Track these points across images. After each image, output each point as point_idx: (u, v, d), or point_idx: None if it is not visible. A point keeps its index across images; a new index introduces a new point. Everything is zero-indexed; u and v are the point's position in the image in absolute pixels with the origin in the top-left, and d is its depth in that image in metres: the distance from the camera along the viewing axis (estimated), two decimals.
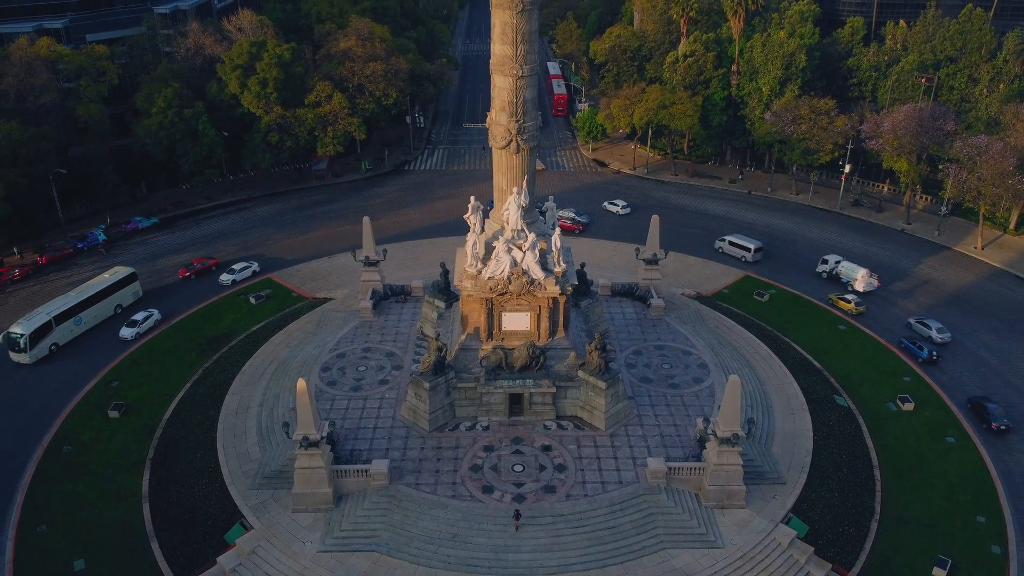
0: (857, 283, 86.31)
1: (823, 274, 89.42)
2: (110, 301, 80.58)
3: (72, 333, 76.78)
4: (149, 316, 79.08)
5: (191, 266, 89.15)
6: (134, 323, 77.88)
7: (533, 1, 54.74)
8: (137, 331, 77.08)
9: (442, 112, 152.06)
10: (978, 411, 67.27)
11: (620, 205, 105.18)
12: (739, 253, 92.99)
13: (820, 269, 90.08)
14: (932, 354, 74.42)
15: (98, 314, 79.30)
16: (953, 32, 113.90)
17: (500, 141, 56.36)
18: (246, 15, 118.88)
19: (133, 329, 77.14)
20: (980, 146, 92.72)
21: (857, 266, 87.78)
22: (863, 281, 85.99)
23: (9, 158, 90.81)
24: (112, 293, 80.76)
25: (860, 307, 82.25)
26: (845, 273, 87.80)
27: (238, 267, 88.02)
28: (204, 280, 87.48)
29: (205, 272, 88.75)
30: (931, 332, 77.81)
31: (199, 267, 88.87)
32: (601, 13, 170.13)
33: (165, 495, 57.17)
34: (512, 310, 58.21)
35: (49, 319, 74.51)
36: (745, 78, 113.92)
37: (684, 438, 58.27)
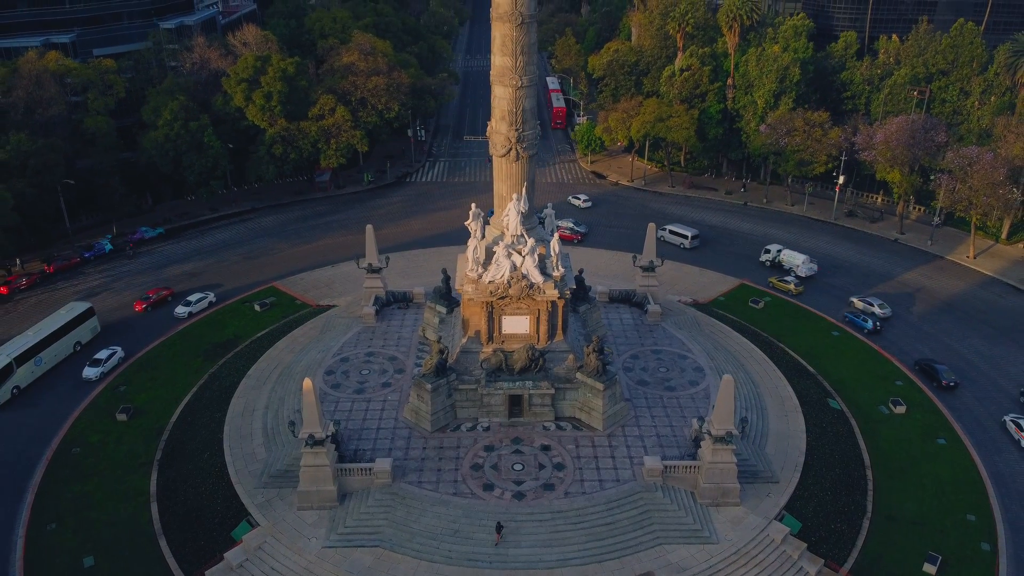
0: (799, 268, 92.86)
1: (767, 263, 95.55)
2: (69, 339, 76.26)
3: (33, 375, 72.30)
4: (112, 354, 74.57)
5: (147, 298, 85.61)
6: (97, 362, 73.28)
7: (532, 15, 56.76)
8: (101, 370, 72.54)
9: (443, 125, 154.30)
10: (927, 371, 74.00)
11: (582, 199, 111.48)
12: (678, 240, 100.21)
13: (764, 258, 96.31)
14: (876, 325, 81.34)
15: (58, 353, 74.78)
16: (945, 46, 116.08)
17: (500, 149, 58.14)
18: (251, 30, 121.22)
19: (97, 368, 72.52)
20: (971, 157, 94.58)
21: (798, 253, 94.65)
22: (804, 266, 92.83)
23: (18, 169, 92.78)
24: (71, 330, 76.46)
25: (799, 287, 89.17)
26: (787, 260, 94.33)
27: (194, 298, 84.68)
28: (161, 312, 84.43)
29: (161, 303, 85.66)
30: (874, 308, 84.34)
31: (155, 299, 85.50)
32: (599, 29, 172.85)
33: (172, 494, 58.46)
34: (512, 314, 59.75)
35: (10, 361, 70.09)
36: (740, 91, 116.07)
37: (680, 438, 59.62)
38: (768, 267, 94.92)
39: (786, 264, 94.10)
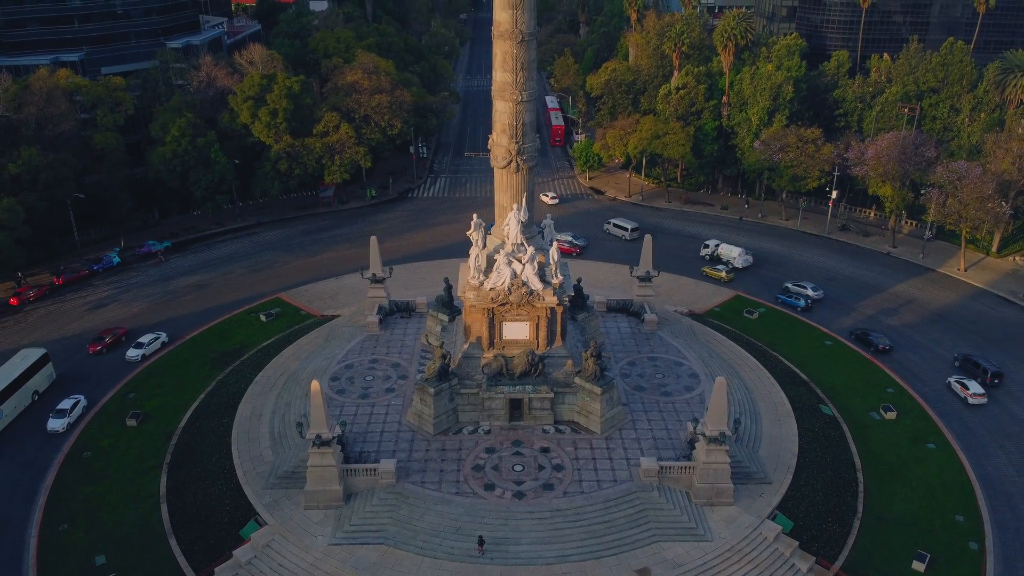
0: (735, 260, 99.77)
1: (706, 256, 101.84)
2: (27, 388, 71.86)
3: None
4: (76, 403, 70.40)
5: (100, 339, 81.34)
6: (62, 413, 68.93)
7: (532, 33, 59.25)
8: (67, 421, 68.48)
9: (444, 143, 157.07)
10: (862, 339, 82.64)
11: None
12: (620, 233, 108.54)
13: (703, 253, 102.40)
14: (807, 303, 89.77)
15: (17, 404, 70.48)
16: (935, 64, 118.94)
17: (501, 161, 60.39)
18: (257, 49, 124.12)
19: (62, 420, 68.27)
20: (960, 171, 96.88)
21: (734, 247, 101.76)
22: (740, 258, 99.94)
23: (30, 182, 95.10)
24: (28, 379, 71.96)
25: (730, 275, 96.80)
26: (724, 253, 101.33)
27: (146, 339, 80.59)
28: (116, 354, 79.91)
29: (116, 343, 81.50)
30: (807, 291, 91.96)
31: (109, 340, 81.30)
32: (597, 49, 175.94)
33: (182, 496, 60.08)
34: (512, 320, 61.70)
35: None
36: (735, 109, 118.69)
37: (675, 441, 61.36)
38: (707, 260, 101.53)
39: (724, 257, 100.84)
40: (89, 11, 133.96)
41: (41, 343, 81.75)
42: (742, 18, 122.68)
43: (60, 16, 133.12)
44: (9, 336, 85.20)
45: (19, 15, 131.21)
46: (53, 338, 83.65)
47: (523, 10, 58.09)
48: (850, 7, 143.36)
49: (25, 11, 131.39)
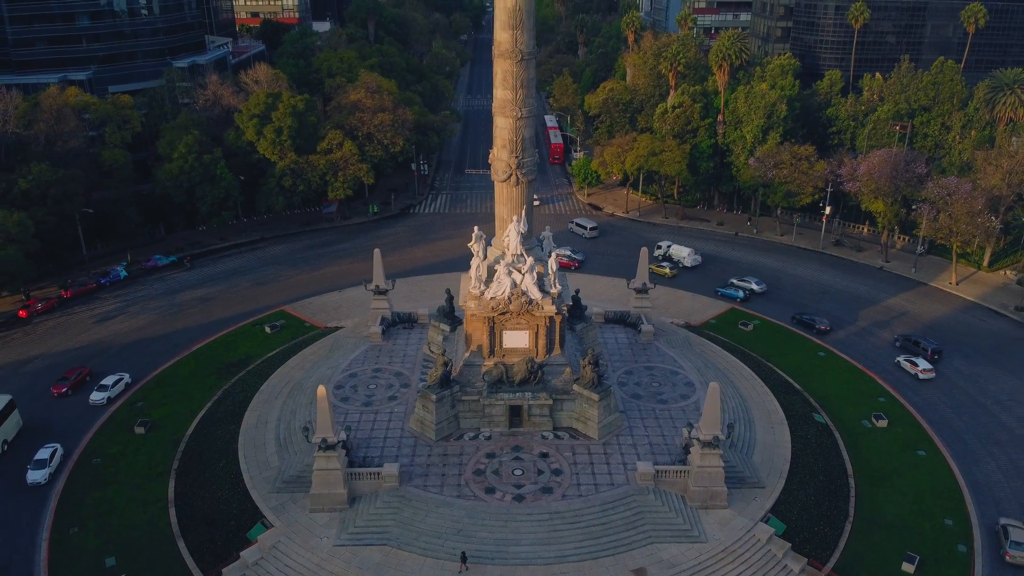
0: (684, 260, 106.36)
1: (659, 256, 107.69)
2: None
3: None
4: (54, 451, 65.95)
5: (64, 380, 77.31)
6: (41, 463, 64.55)
7: (531, 53, 61.62)
8: (49, 471, 64.32)
9: (445, 160, 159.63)
10: (804, 323, 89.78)
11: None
12: (580, 231, 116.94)
13: (657, 253, 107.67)
14: (747, 294, 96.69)
15: None
16: (926, 83, 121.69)
17: (501, 175, 62.51)
18: (262, 68, 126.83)
19: (43, 471, 64.03)
20: (951, 187, 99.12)
21: (684, 247, 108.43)
22: (689, 258, 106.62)
23: (39, 197, 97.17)
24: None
25: (674, 271, 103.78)
26: (675, 253, 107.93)
27: (109, 381, 76.40)
28: (80, 396, 76.07)
29: (80, 384, 77.71)
30: (752, 285, 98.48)
31: (74, 379, 77.53)
32: (596, 69, 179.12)
33: (190, 500, 61.54)
34: (512, 328, 63.52)
35: None
36: (730, 127, 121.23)
37: (671, 447, 62.95)
38: (660, 259, 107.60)
39: (675, 257, 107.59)
40: (97, 31, 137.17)
41: (47, 353, 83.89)
42: (737, 38, 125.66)
43: (68, 36, 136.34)
44: (18, 347, 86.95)
45: (28, 34, 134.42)
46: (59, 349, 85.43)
47: (523, 31, 60.46)
48: (843, 28, 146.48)
49: (34, 30, 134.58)
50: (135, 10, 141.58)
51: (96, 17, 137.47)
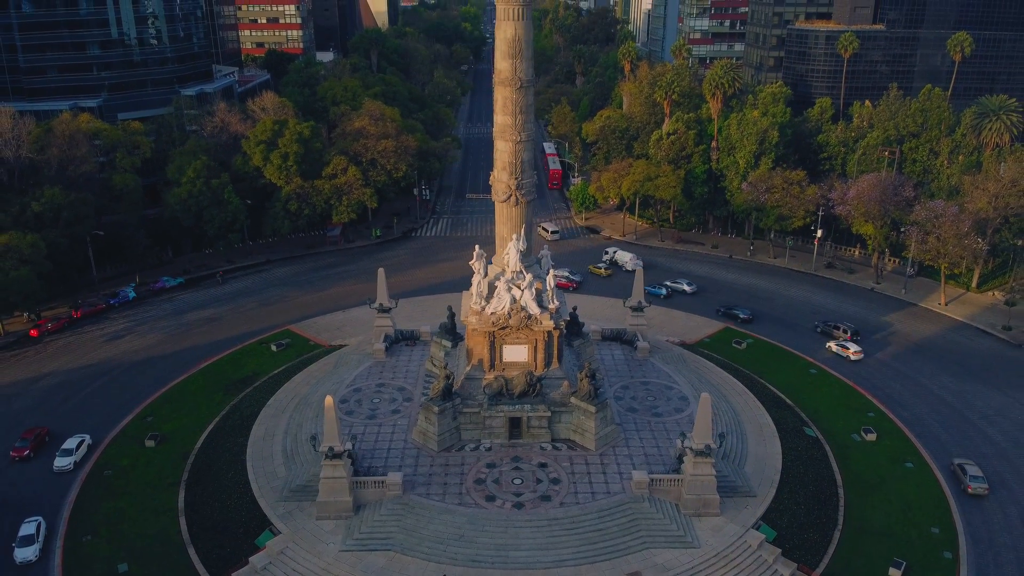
0: (627, 264, 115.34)
1: (606, 260, 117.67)
2: None
3: None
4: (38, 525, 61.62)
5: (23, 443, 71.46)
6: (28, 540, 60.09)
7: (529, 80, 64.84)
8: (38, 548, 59.96)
9: (446, 185, 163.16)
10: (728, 315, 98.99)
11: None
12: (544, 235, 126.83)
13: (605, 258, 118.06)
14: (669, 292, 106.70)
15: None
16: (914, 110, 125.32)
17: (501, 195, 65.36)
18: (269, 97, 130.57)
19: (31, 547, 59.63)
20: (937, 210, 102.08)
21: (627, 253, 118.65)
22: (631, 263, 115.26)
23: (52, 220, 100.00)
24: None
25: (608, 270, 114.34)
26: (619, 258, 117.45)
27: (72, 444, 70.93)
28: (43, 459, 70.60)
29: (40, 444, 72.15)
30: (683, 286, 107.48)
31: (32, 440, 71.57)
32: (593, 98, 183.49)
33: (199, 509, 63.44)
34: (512, 343, 65.94)
35: None
36: (723, 153, 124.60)
37: (666, 457, 65.05)
38: (606, 263, 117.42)
39: (619, 261, 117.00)
40: (107, 60, 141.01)
41: (58, 371, 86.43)
42: (729, 68, 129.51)
43: (80, 64, 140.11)
44: (30, 365, 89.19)
45: (40, 62, 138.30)
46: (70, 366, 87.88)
47: (522, 60, 63.74)
48: (833, 57, 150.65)
49: (46, 58, 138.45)
50: (144, 40, 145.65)
51: (106, 46, 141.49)
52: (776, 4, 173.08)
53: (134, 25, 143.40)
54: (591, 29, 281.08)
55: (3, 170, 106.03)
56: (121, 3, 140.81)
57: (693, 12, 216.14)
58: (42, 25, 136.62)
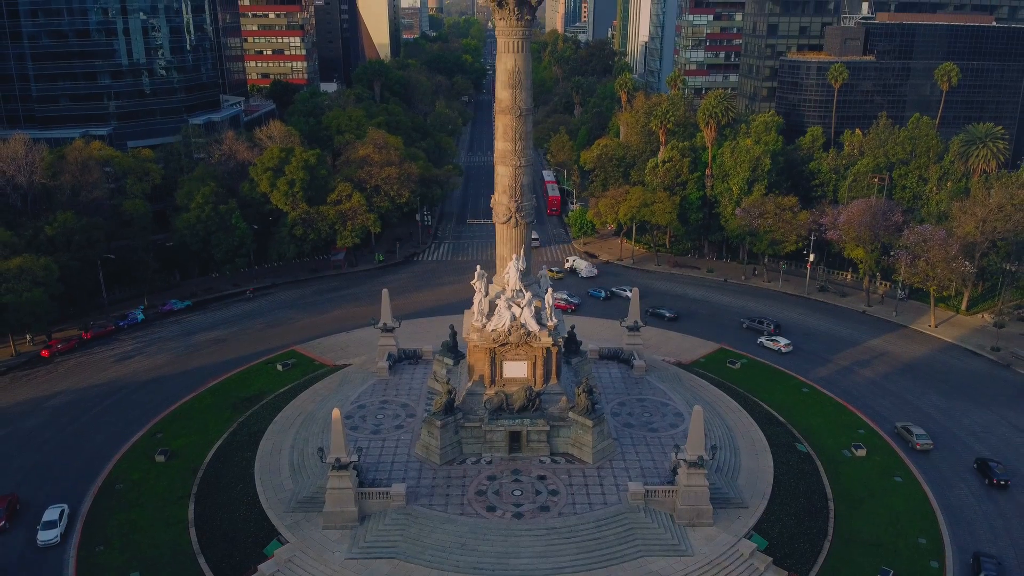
0: (582, 271, 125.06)
1: (567, 268, 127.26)
2: None
3: None
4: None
5: None
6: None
7: (528, 109, 68.10)
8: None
9: (448, 211, 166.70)
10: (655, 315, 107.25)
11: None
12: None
13: (566, 266, 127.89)
14: (607, 294, 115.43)
15: None
16: (903, 138, 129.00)
17: (502, 217, 68.26)
18: (276, 125, 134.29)
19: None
20: (926, 234, 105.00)
21: (583, 261, 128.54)
22: (586, 270, 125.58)
23: (64, 243, 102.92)
24: None
25: (560, 274, 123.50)
26: (575, 266, 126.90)
27: (53, 515, 65.01)
28: (21, 531, 64.97)
29: (12, 514, 66.46)
30: (627, 292, 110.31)
31: (6, 509, 65.83)
32: (590, 128, 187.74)
33: (209, 520, 65.40)
34: (512, 359, 68.40)
35: None
36: (717, 180, 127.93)
37: (661, 470, 67.18)
38: (568, 271, 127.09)
39: (575, 268, 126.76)
40: (118, 90, 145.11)
41: (69, 389, 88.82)
42: (723, 98, 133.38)
43: (91, 93, 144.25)
44: (42, 384, 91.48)
45: (53, 91, 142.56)
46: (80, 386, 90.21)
47: (521, 90, 67.03)
48: (824, 87, 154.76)
49: (58, 88, 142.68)
50: (154, 70, 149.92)
51: (117, 76, 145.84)
52: (769, 36, 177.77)
53: (144, 56, 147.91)
54: (589, 61, 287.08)
55: (17, 195, 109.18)
56: (132, 35, 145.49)
57: (689, 44, 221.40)
58: (54, 55, 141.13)
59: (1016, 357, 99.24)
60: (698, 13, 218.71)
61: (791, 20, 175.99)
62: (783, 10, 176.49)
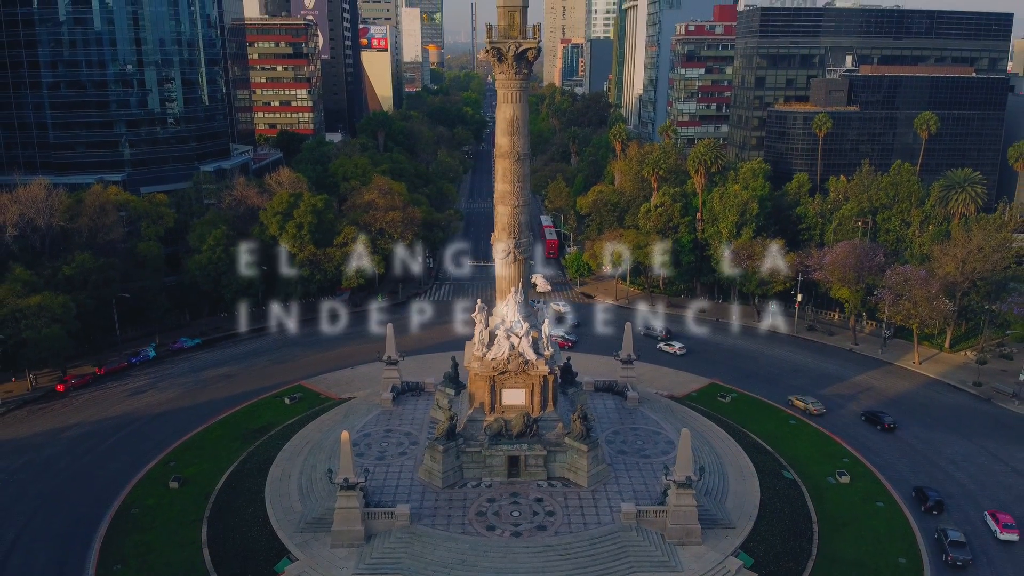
0: (540, 286, 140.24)
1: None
2: None
3: None
4: None
5: None
6: None
7: (525, 154, 73.28)
8: None
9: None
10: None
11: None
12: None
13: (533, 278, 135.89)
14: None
15: None
16: (886, 184, 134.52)
17: (502, 253, 72.90)
18: (285, 172, 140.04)
19: None
20: (907, 274, 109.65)
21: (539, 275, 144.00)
22: (542, 285, 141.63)
23: (81, 283, 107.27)
24: None
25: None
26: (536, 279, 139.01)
27: None
28: None
29: None
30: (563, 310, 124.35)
31: None
32: (587, 175, 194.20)
33: (222, 541, 68.54)
34: (511, 387, 72.31)
35: None
36: (708, 224, 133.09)
37: (653, 493, 70.54)
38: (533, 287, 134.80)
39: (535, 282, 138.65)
40: (133, 138, 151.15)
41: (84, 421, 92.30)
42: (712, 147, 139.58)
43: (107, 141, 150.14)
44: (57, 417, 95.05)
45: (69, 139, 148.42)
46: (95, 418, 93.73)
47: (519, 136, 72.27)
48: (810, 136, 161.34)
49: (74, 135, 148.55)
50: (168, 120, 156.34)
51: (132, 125, 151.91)
52: (757, 89, 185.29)
53: (159, 106, 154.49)
54: (585, 113, 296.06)
55: (36, 237, 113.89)
56: (148, 86, 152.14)
57: (681, 97, 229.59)
58: (72, 104, 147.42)
59: (996, 391, 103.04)
60: (690, 67, 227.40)
61: (778, 73, 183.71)
62: (770, 64, 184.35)
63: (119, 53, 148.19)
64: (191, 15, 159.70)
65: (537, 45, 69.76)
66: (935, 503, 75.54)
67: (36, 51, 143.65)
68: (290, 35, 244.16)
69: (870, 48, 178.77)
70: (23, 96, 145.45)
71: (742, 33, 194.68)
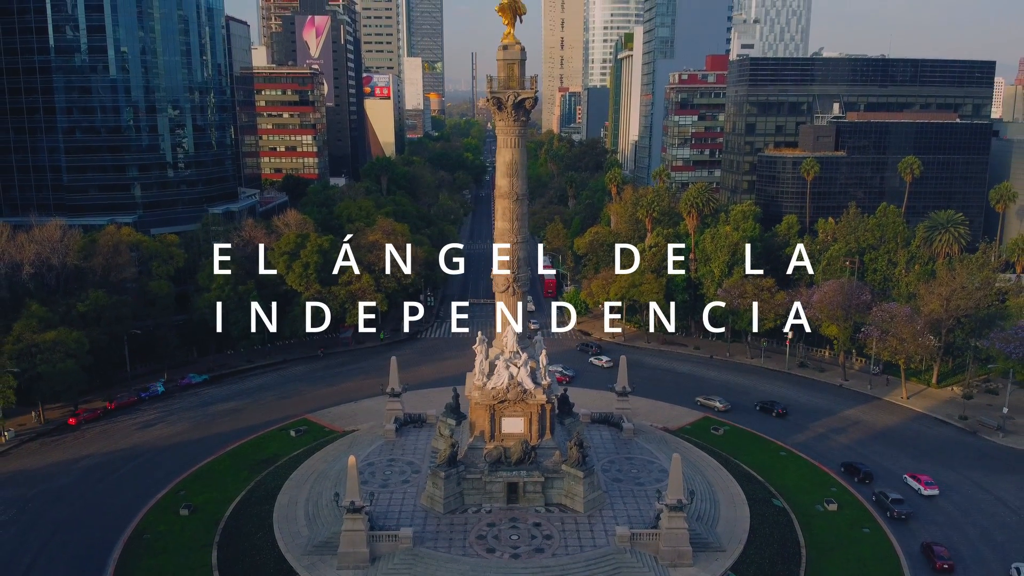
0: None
1: None
2: None
3: None
4: None
5: None
6: None
7: (524, 194, 77.75)
8: None
9: (449, 293, 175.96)
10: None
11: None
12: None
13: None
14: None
15: None
16: (872, 225, 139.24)
17: (501, 287, 76.89)
18: (292, 214, 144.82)
19: None
20: (892, 312, 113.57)
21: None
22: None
23: (95, 319, 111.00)
24: None
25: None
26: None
27: None
28: None
29: None
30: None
31: None
32: (583, 217, 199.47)
33: (231, 565, 71.09)
34: (510, 415, 75.66)
35: None
36: (700, 263, 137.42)
37: (646, 519, 73.34)
38: None
39: None
40: (144, 181, 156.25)
41: (96, 453, 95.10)
42: (704, 190, 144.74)
43: (119, 184, 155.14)
44: (70, 449, 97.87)
45: (83, 182, 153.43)
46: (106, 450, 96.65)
47: (518, 178, 76.86)
48: (798, 180, 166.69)
49: (88, 179, 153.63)
50: (178, 164, 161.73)
51: (144, 169, 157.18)
52: (748, 135, 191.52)
53: (170, 151, 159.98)
54: (582, 158, 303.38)
55: (51, 275, 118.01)
56: (160, 130, 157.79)
57: (675, 143, 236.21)
58: (86, 149, 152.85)
59: (982, 424, 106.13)
60: (683, 114, 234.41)
61: (768, 120, 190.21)
62: (760, 111, 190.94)
63: (133, 99, 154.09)
64: (202, 64, 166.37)
65: (534, 95, 74.73)
66: (864, 474, 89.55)
67: (52, 97, 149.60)
68: (296, 83, 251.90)
69: (857, 95, 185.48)
70: (39, 140, 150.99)
71: (733, 82, 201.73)
